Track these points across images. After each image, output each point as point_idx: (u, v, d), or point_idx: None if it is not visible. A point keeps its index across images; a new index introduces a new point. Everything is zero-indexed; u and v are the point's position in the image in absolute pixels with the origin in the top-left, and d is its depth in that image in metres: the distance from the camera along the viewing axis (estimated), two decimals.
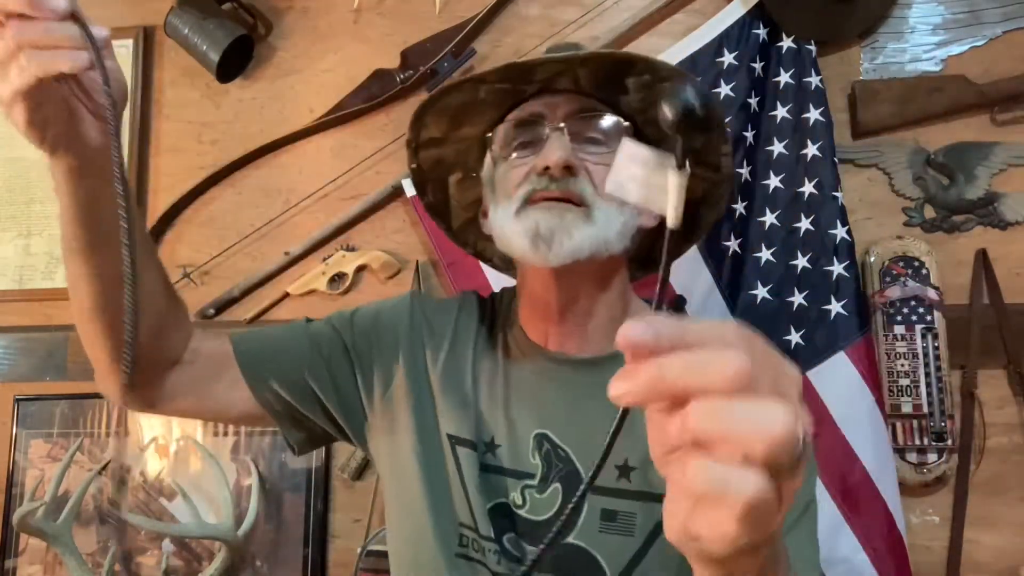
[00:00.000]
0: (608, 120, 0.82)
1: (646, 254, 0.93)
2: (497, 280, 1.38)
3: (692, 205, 0.90)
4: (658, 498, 0.76)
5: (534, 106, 0.83)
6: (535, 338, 0.86)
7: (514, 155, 0.82)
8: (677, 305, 0.97)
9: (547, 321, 0.85)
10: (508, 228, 0.79)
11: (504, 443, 0.81)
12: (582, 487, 0.47)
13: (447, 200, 0.97)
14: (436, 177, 0.95)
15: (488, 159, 0.87)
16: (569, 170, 0.77)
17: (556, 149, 0.77)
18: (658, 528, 0.75)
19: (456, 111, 0.86)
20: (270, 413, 0.87)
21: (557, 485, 0.79)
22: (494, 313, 0.93)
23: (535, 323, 0.87)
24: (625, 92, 0.82)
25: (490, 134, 0.85)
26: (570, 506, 0.48)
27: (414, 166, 0.92)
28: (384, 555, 1.34)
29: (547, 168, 0.77)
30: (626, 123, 0.82)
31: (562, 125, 0.79)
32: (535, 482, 0.79)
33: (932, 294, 1.42)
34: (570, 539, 0.77)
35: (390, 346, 0.88)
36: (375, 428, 0.87)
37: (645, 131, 0.84)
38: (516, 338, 0.88)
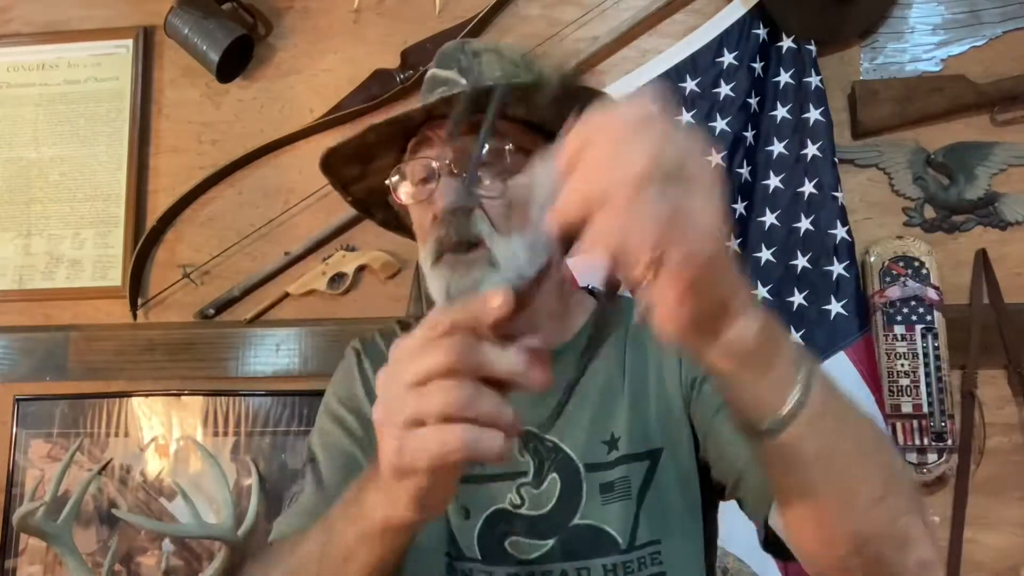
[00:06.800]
0: (491, 144, 0.78)
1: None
2: None
3: None
4: (642, 456, 0.79)
5: (424, 133, 0.81)
6: None
7: (419, 194, 0.80)
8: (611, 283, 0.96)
9: None
10: (428, 278, 0.79)
11: None
12: None
13: (396, 215, 0.96)
14: (376, 201, 0.94)
15: None
16: (459, 212, 0.76)
17: (442, 195, 0.76)
18: (645, 484, 0.78)
19: (356, 153, 0.85)
20: None
21: (554, 475, 0.80)
22: None
23: None
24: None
25: (395, 176, 0.82)
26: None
27: (350, 199, 0.93)
28: None
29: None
30: (508, 146, 0.77)
31: (448, 162, 0.77)
32: (530, 478, 0.81)
33: (932, 294, 1.41)
34: (576, 520, 0.78)
35: (359, 413, 0.88)
36: None
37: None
38: None
